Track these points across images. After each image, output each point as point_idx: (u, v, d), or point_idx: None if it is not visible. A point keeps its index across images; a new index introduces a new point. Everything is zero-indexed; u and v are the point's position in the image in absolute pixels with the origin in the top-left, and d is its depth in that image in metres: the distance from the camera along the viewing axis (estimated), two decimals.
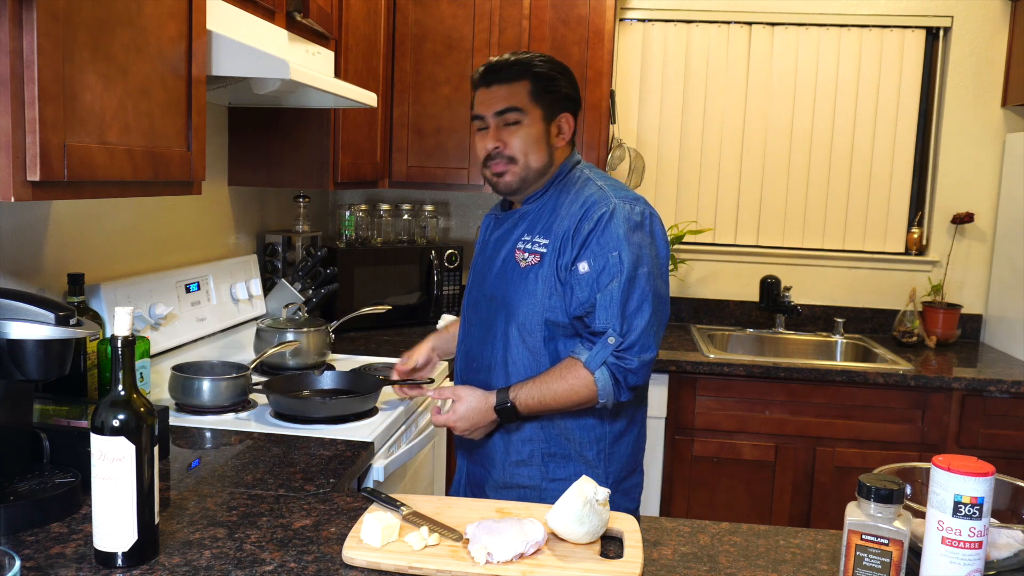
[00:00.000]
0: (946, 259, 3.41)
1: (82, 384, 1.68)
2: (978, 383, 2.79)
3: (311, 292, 2.61)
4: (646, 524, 1.37)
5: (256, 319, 2.55)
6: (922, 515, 1.12)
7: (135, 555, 1.16)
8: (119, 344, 1.15)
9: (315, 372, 2.13)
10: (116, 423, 1.13)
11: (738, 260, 3.53)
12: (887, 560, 1.08)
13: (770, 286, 3.37)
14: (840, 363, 3.07)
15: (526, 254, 1.69)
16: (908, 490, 1.28)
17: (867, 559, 1.09)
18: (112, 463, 1.13)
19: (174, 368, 1.96)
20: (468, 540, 1.23)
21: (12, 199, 1.14)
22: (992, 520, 1.12)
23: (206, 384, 1.92)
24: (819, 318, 3.50)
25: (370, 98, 2.26)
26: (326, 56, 2.35)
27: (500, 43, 3.00)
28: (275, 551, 1.22)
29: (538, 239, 1.69)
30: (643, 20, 3.50)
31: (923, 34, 3.42)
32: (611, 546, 1.28)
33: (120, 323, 1.15)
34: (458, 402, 1.70)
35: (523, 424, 1.71)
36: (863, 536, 1.09)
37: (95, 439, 1.14)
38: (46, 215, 1.79)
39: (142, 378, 1.84)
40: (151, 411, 1.17)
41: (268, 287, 2.69)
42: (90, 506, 1.17)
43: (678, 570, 1.22)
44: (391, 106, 3.06)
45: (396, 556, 1.19)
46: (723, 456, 2.93)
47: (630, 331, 1.60)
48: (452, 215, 3.60)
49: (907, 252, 3.49)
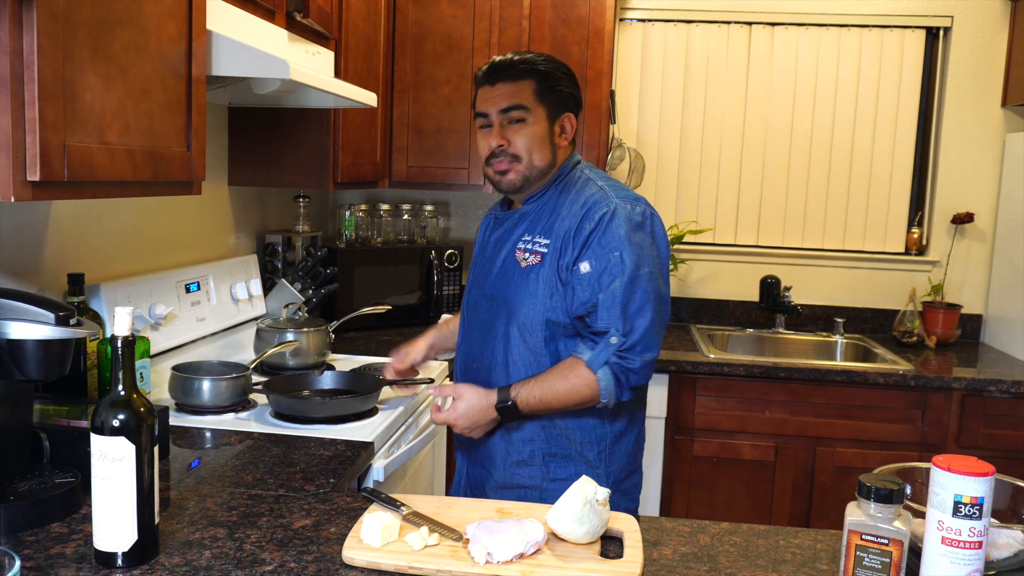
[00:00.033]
0: (946, 259, 3.41)
1: (82, 384, 1.68)
2: (978, 383, 2.79)
3: (311, 292, 2.61)
4: (646, 524, 1.37)
5: (256, 319, 2.55)
6: (922, 515, 1.12)
7: (135, 555, 1.16)
8: (119, 344, 1.15)
9: (315, 372, 2.13)
10: (116, 423, 1.13)
11: (738, 260, 3.53)
12: (887, 560, 1.08)
13: (770, 286, 3.37)
14: (840, 363, 3.07)
15: (527, 254, 1.69)
16: (908, 490, 1.28)
17: (867, 559, 1.09)
18: (112, 463, 1.13)
19: (174, 368, 1.96)
20: (468, 540, 1.23)
21: (12, 199, 1.14)
22: (992, 520, 1.12)
23: (206, 384, 1.92)
24: (819, 318, 3.50)
25: (370, 98, 2.26)
26: (326, 56, 2.35)
27: (500, 43, 3.00)
28: (275, 551, 1.22)
29: (539, 239, 1.69)
30: (643, 20, 3.50)
31: (923, 34, 3.42)
32: (611, 546, 1.28)
33: (120, 323, 1.15)
34: (459, 400, 1.70)
35: (524, 424, 1.70)
36: (863, 536, 1.09)
37: (95, 439, 1.14)
38: (46, 215, 1.79)
39: (142, 378, 1.84)
40: (151, 411, 1.17)
41: (268, 287, 2.69)
42: (90, 506, 1.17)
43: (678, 570, 1.22)
44: (391, 106, 3.06)
45: (396, 556, 1.19)
46: (723, 456, 2.93)
47: (632, 331, 1.60)
48: (452, 215, 3.60)
49: (907, 252, 3.49)
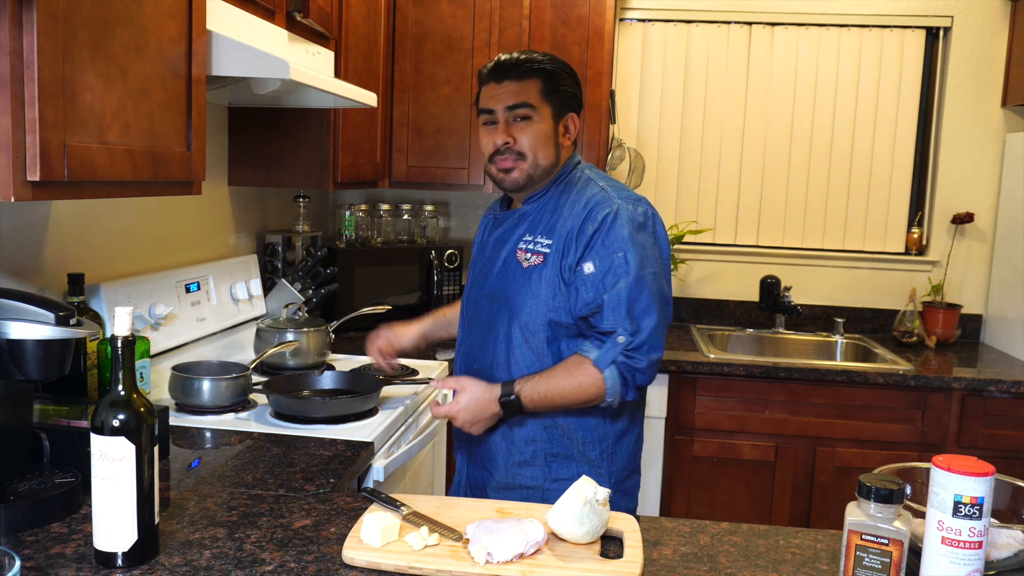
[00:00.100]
0: (946, 259, 3.41)
1: (82, 384, 1.68)
2: (978, 383, 2.79)
3: (311, 292, 2.61)
4: (646, 524, 1.37)
5: (256, 319, 2.55)
6: (922, 515, 1.12)
7: (135, 555, 1.16)
8: (119, 344, 1.15)
9: (315, 372, 2.13)
10: (116, 423, 1.13)
11: (738, 260, 3.53)
12: (887, 560, 1.08)
13: (770, 286, 3.37)
14: (840, 363, 3.07)
15: (528, 254, 1.69)
16: (908, 490, 1.28)
17: (867, 559, 1.09)
18: (112, 463, 1.13)
19: (174, 368, 1.96)
20: (468, 540, 1.23)
21: (12, 199, 1.14)
22: (992, 520, 1.12)
23: (206, 384, 1.92)
24: (819, 318, 3.50)
25: (370, 98, 2.26)
26: (326, 56, 2.35)
27: (500, 43, 3.00)
28: (275, 551, 1.22)
29: (540, 239, 1.69)
30: (643, 20, 3.50)
31: (923, 34, 3.42)
32: (611, 546, 1.28)
33: (120, 323, 1.15)
34: (461, 392, 1.69)
35: (526, 424, 1.70)
36: (863, 536, 1.09)
37: (95, 439, 1.14)
38: (46, 215, 1.79)
39: (142, 378, 1.84)
40: (151, 411, 1.17)
41: (268, 287, 2.69)
42: (90, 506, 1.17)
43: (678, 570, 1.22)
44: (391, 106, 3.06)
45: (396, 556, 1.19)
46: (723, 456, 2.93)
47: (639, 331, 1.60)
48: (452, 215, 3.60)
49: (907, 252, 3.49)
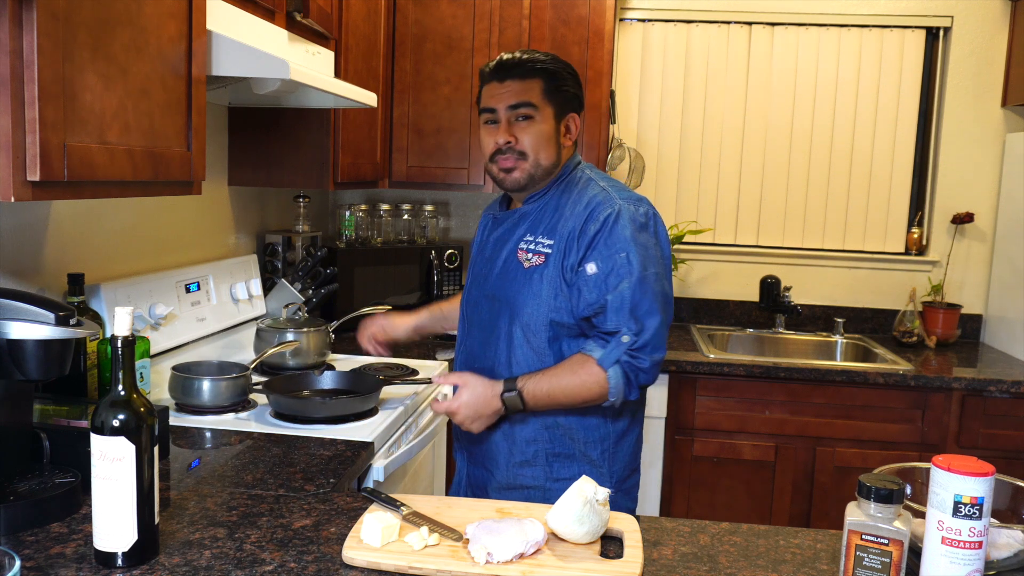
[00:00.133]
0: (946, 259, 3.41)
1: (82, 384, 1.68)
2: (978, 383, 2.79)
3: (311, 292, 2.61)
4: (646, 524, 1.37)
5: (256, 319, 2.55)
6: (922, 515, 1.12)
7: (135, 555, 1.16)
8: (119, 344, 1.15)
9: (315, 372, 2.13)
10: (116, 423, 1.13)
11: (738, 260, 3.53)
12: (887, 560, 1.08)
13: (770, 286, 3.37)
14: (840, 363, 3.07)
15: (530, 254, 1.69)
16: (908, 490, 1.28)
17: (867, 559, 1.09)
18: (112, 463, 1.13)
19: (174, 368, 1.96)
20: (468, 540, 1.23)
21: (12, 199, 1.14)
22: (992, 520, 1.12)
23: (206, 384, 1.92)
24: (819, 318, 3.50)
25: (370, 98, 2.26)
26: (326, 56, 2.35)
27: (500, 43, 3.00)
28: (275, 551, 1.22)
29: (542, 239, 1.68)
30: (643, 20, 3.50)
31: (923, 34, 3.42)
32: (611, 546, 1.28)
33: (120, 323, 1.15)
34: (463, 388, 1.68)
35: (527, 424, 1.70)
36: (863, 536, 1.09)
37: (95, 439, 1.14)
38: (46, 215, 1.79)
39: (142, 378, 1.84)
40: (151, 411, 1.17)
41: (268, 287, 2.69)
42: (90, 506, 1.17)
43: (678, 570, 1.22)
44: (391, 106, 3.06)
45: (396, 556, 1.19)
46: (723, 456, 2.93)
47: (643, 331, 1.60)
48: (452, 215, 3.60)
49: (907, 252, 3.49)
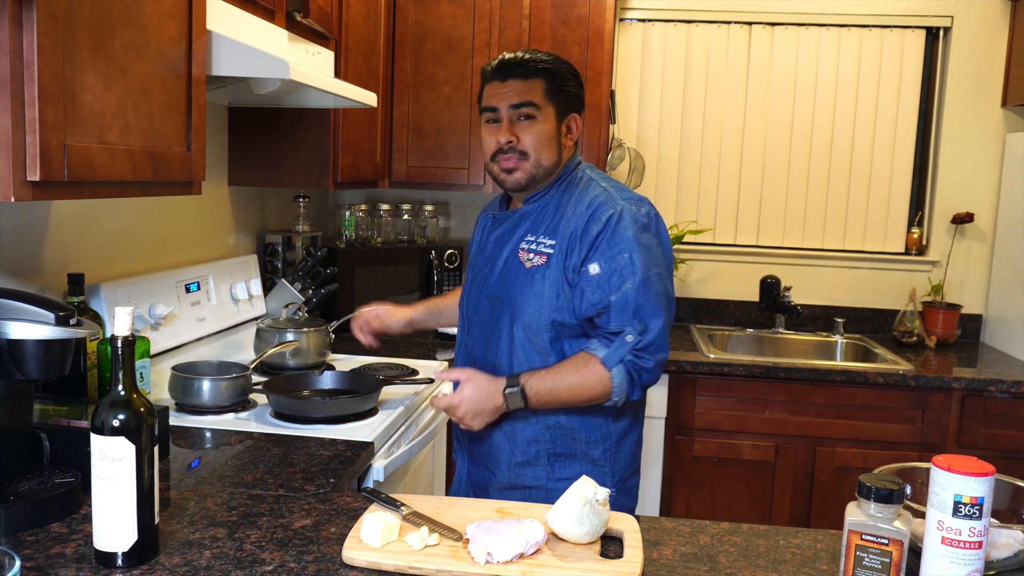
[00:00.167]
0: (946, 259, 3.41)
1: (82, 384, 1.68)
2: (978, 383, 2.79)
3: (311, 292, 2.61)
4: (646, 524, 1.37)
5: (256, 319, 2.55)
6: (922, 515, 1.12)
7: (135, 555, 1.16)
8: (119, 344, 1.15)
9: (315, 372, 2.13)
10: (116, 423, 1.13)
11: (738, 260, 3.53)
12: (887, 560, 1.08)
13: (770, 286, 3.37)
14: (840, 363, 3.07)
15: (531, 255, 1.69)
16: (908, 490, 1.28)
17: (867, 559, 1.09)
18: (112, 463, 1.13)
19: (174, 368, 1.96)
20: (468, 540, 1.23)
21: (12, 199, 1.14)
22: (992, 520, 1.12)
23: (206, 384, 1.92)
24: (819, 318, 3.50)
25: (370, 98, 2.26)
26: (326, 56, 2.35)
27: (500, 43, 2.99)
28: (275, 551, 1.22)
29: (543, 239, 1.68)
30: (643, 20, 3.50)
31: (923, 34, 3.42)
32: (611, 546, 1.28)
33: (120, 323, 1.15)
34: (466, 383, 1.67)
35: (528, 425, 1.70)
36: (863, 536, 1.09)
37: (95, 439, 1.14)
38: (46, 215, 1.79)
39: (142, 378, 1.84)
40: (151, 411, 1.17)
41: (268, 287, 2.69)
42: (90, 506, 1.17)
43: (678, 570, 1.22)
44: (391, 106, 3.06)
45: (396, 556, 1.19)
46: (723, 456, 2.93)
47: (647, 331, 1.60)
48: (452, 215, 3.60)
49: (907, 252, 3.49)
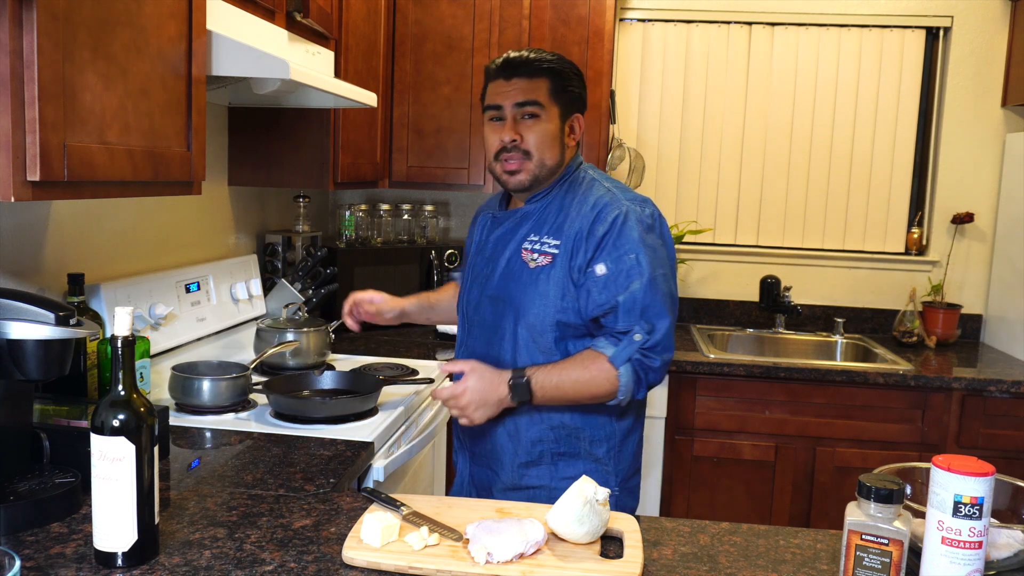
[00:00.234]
0: (946, 259, 3.41)
1: (82, 384, 1.68)
2: (978, 383, 2.79)
3: (311, 292, 2.61)
4: (646, 524, 1.37)
5: (256, 319, 2.55)
6: (922, 515, 1.12)
7: (135, 555, 1.16)
8: (119, 344, 1.15)
9: (315, 372, 2.13)
10: (116, 423, 1.13)
11: (738, 260, 3.53)
12: (887, 560, 1.08)
13: (770, 286, 3.37)
14: (840, 363, 3.07)
15: (535, 255, 1.68)
16: (908, 490, 1.28)
17: (867, 559, 1.09)
18: (112, 463, 1.13)
19: (174, 368, 1.96)
20: (468, 540, 1.23)
21: (12, 199, 1.14)
22: (992, 520, 1.12)
23: (206, 384, 1.92)
24: (819, 318, 3.50)
25: (370, 98, 2.26)
26: (326, 56, 2.35)
27: (500, 43, 2.99)
28: (275, 551, 1.22)
29: (547, 239, 1.68)
30: (643, 20, 3.50)
31: (923, 34, 3.42)
32: (611, 546, 1.28)
33: (120, 323, 1.15)
34: (470, 373, 1.66)
35: (532, 425, 1.69)
36: (863, 536, 1.09)
37: (95, 439, 1.14)
38: (46, 215, 1.79)
39: (142, 378, 1.84)
40: (151, 411, 1.17)
41: (268, 287, 2.69)
42: (90, 506, 1.17)
43: (678, 570, 1.22)
44: (391, 106, 3.06)
45: (396, 556, 1.19)
46: (723, 456, 2.93)
47: (655, 331, 1.60)
48: (452, 215, 3.60)
49: (907, 252, 3.49)
